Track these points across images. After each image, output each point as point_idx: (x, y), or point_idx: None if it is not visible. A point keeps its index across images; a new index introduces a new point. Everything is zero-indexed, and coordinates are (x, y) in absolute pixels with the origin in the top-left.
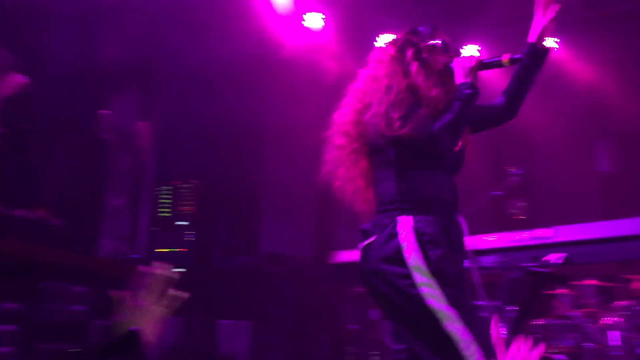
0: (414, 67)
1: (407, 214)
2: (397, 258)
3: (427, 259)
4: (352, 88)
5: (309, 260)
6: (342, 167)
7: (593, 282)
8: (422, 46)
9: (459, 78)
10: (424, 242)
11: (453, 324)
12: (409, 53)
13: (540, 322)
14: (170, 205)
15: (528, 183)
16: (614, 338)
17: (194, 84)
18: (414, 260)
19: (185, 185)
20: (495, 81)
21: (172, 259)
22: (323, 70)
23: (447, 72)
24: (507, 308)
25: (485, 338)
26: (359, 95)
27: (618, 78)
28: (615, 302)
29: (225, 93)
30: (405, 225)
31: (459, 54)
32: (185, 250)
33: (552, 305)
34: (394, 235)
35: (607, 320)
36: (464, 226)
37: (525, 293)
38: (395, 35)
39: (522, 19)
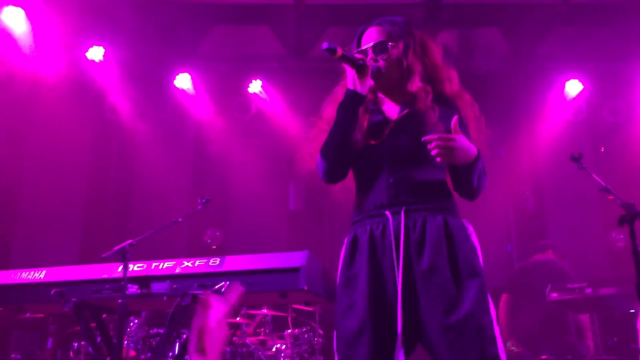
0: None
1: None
2: None
3: None
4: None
5: None
6: None
7: (267, 312)
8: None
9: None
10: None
11: None
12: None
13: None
14: None
15: (225, 214)
16: None
17: None
18: None
19: None
20: None
21: None
22: None
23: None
24: (175, 334)
25: None
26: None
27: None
28: (286, 331)
29: None
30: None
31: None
32: None
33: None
34: None
35: (278, 347)
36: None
37: (194, 319)
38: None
39: None
